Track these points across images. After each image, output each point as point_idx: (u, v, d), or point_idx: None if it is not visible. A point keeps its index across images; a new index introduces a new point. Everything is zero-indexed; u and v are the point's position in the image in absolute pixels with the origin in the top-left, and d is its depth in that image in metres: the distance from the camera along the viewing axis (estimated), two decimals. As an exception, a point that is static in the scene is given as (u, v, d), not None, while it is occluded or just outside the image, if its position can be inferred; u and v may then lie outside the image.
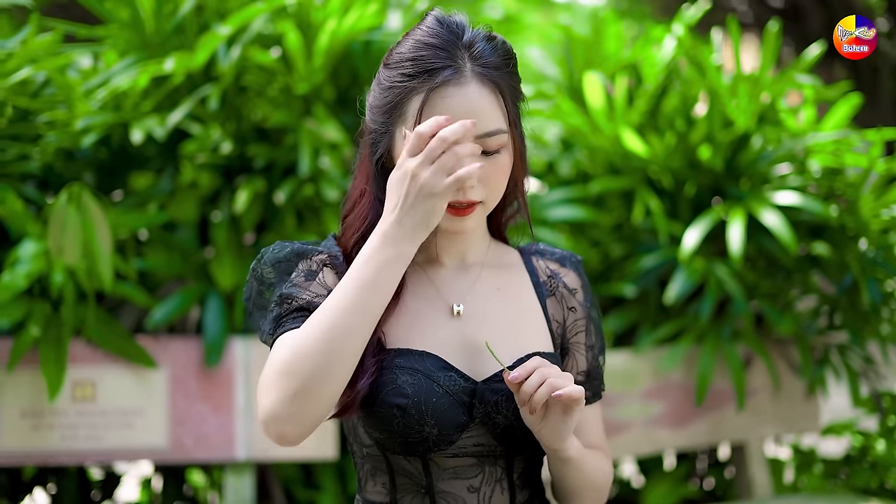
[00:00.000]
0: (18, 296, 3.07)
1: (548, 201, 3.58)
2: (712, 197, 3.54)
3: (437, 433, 1.84)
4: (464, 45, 1.84)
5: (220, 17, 3.43)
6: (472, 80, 1.82)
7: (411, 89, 1.83)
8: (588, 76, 3.54)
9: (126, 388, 3.20)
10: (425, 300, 1.96)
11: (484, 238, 2.06)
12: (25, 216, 3.11)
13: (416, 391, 1.83)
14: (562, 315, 2.06)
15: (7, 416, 3.12)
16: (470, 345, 1.93)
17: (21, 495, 3.65)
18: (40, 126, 3.29)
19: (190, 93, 3.37)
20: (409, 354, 1.88)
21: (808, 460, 3.78)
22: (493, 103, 1.84)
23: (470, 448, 1.89)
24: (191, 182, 3.35)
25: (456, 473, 1.90)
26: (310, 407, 1.69)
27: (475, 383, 1.89)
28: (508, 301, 2.01)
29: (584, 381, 2.07)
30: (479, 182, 1.84)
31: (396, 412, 1.82)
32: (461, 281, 1.99)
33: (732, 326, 3.46)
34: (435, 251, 1.99)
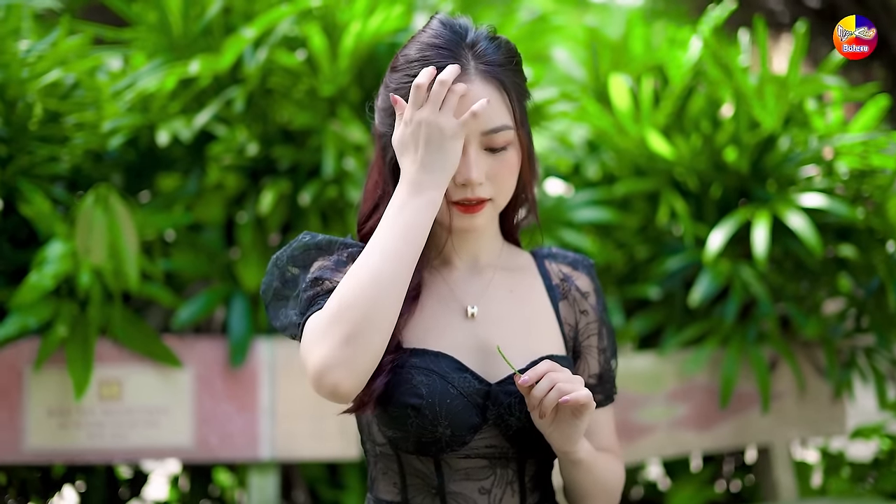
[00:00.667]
0: (46, 296, 3.11)
1: (573, 203, 3.58)
2: (738, 199, 3.52)
3: (450, 434, 1.85)
4: (467, 45, 1.87)
5: (246, 19, 3.45)
6: (475, 77, 1.85)
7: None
8: (614, 78, 3.53)
9: (152, 388, 3.23)
10: (440, 301, 1.97)
11: (496, 240, 2.06)
12: (53, 217, 3.15)
13: (430, 391, 1.84)
14: (574, 318, 2.06)
15: (35, 414, 3.16)
16: (483, 347, 1.93)
17: (51, 493, 3.70)
18: (68, 128, 3.32)
19: (216, 95, 3.40)
20: (424, 355, 1.89)
21: (835, 464, 3.76)
22: (498, 100, 1.86)
23: (482, 449, 1.90)
24: (217, 183, 3.39)
25: (468, 475, 1.91)
26: (361, 351, 1.71)
27: (489, 385, 1.90)
28: (521, 304, 2.02)
29: (596, 384, 2.08)
30: (488, 179, 1.87)
31: (410, 412, 1.84)
32: (475, 283, 2.00)
33: (758, 329, 3.44)
34: (447, 253, 2.00)
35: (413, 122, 1.79)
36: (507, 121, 1.86)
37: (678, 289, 3.54)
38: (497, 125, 1.85)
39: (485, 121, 1.84)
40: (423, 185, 1.78)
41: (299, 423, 3.26)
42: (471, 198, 1.86)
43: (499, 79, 1.86)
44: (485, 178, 1.86)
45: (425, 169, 1.78)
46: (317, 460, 3.39)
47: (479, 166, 1.84)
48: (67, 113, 3.33)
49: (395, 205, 1.79)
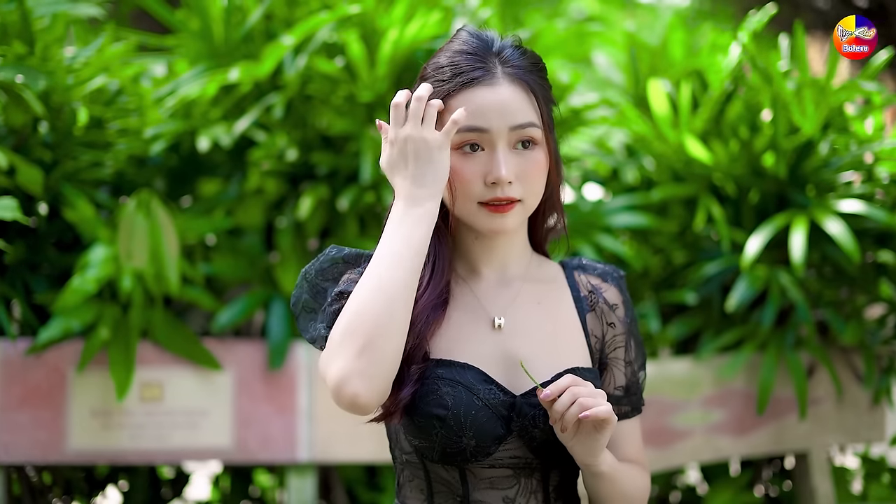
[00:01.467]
0: (89, 299, 3.17)
1: (611, 208, 3.59)
2: (776, 204, 3.51)
3: (474, 444, 1.87)
4: (494, 52, 1.93)
5: (287, 25, 3.50)
6: (503, 79, 1.90)
7: (444, 93, 1.90)
8: (652, 83, 3.54)
9: (192, 390, 3.29)
10: (468, 312, 1.99)
11: (525, 251, 2.07)
12: (96, 221, 3.20)
13: (455, 403, 1.86)
14: (601, 330, 2.07)
15: (78, 415, 3.22)
16: (510, 358, 1.95)
17: (94, 492, 3.76)
18: (112, 133, 3.38)
19: (257, 101, 3.45)
20: (450, 366, 1.91)
21: (876, 470, 3.75)
22: (525, 100, 1.90)
23: (507, 460, 1.92)
24: (257, 188, 3.43)
25: (492, 484, 1.93)
26: (375, 361, 1.75)
27: (514, 397, 1.91)
28: (548, 315, 2.03)
29: (622, 395, 2.08)
30: (517, 179, 1.89)
31: (436, 422, 1.86)
32: (503, 294, 2.02)
33: (795, 334, 3.43)
34: (475, 262, 2.03)
35: (398, 140, 1.86)
36: (534, 119, 1.90)
37: (716, 294, 3.54)
38: (525, 121, 1.88)
39: (513, 117, 1.88)
40: (418, 197, 1.83)
41: (337, 425, 3.29)
42: (501, 197, 1.88)
43: (525, 80, 1.91)
44: (514, 177, 1.88)
45: (417, 182, 1.84)
46: (354, 463, 3.43)
47: (508, 165, 1.87)
48: (111, 119, 3.40)
49: (393, 219, 1.85)
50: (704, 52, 3.71)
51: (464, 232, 2.00)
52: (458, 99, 1.89)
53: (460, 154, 1.89)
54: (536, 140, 1.91)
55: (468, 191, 1.89)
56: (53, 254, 3.38)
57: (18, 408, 3.19)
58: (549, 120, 1.96)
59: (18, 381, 3.20)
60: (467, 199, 1.90)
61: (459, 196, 1.91)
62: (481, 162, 1.89)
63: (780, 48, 3.59)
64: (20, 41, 3.19)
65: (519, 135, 1.89)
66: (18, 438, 3.18)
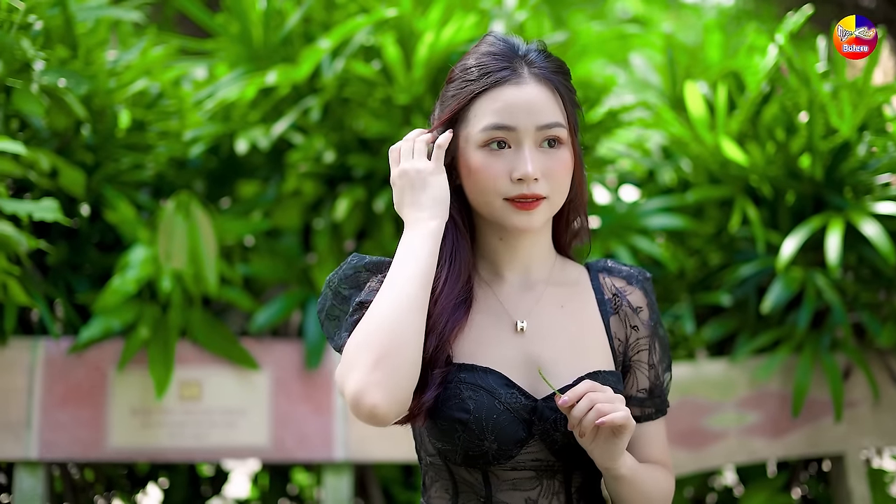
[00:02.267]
0: (129, 299, 3.22)
1: (646, 210, 3.59)
2: (813, 206, 3.50)
3: (496, 448, 1.89)
4: (520, 55, 1.96)
5: (325, 29, 3.54)
6: (529, 79, 1.93)
7: (472, 92, 1.94)
8: (689, 85, 3.54)
9: (230, 389, 3.33)
10: (490, 316, 2.01)
11: (549, 254, 2.09)
12: (137, 223, 3.26)
13: (477, 407, 1.88)
14: (624, 333, 2.08)
15: (118, 413, 3.27)
16: (532, 362, 1.96)
17: (136, 490, 3.82)
18: (152, 136, 3.43)
19: (295, 104, 3.48)
20: (472, 370, 1.93)
21: (915, 473, 3.73)
22: (551, 99, 1.93)
23: (528, 462, 1.93)
24: (294, 190, 3.46)
25: (514, 485, 1.94)
26: (392, 371, 1.77)
27: (535, 401, 1.93)
28: (571, 319, 2.04)
29: (646, 397, 2.09)
30: (543, 177, 1.91)
31: (458, 426, 1.88)
32: (526, 298, 2.03)
33: (831, 336, 3.42)
34: (499, 264, 2.04)
35: (397, 178, 1.95)
36: (560, 119, 1.92)
37: (751, 296, 3.53)
38: (551, 121, 1.91)
39: (539, 116, 1.90)
40: (420, 220, 1.90)
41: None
42: (527, 194, 1.90)
43: (551, 80, 1.94)
44: (540, 175, 1.90)
45: (418, 207, 1.91)
46: (390, 462, 3.45)
47: (534, 162, 1.89)
48: (152, 122, 3.45)
49: (403, 241, 1.90)
50: (741, 54, 3.71)
51: (488, 234, 2.02)
52: (485, 98, 1.92)
53: (487, 151, 1.91)
54: (562, 140, 1.93)
55: (494, 187, 1.91)
56: (95, 254, 3.44)
57: (60, 406, 3.24)
58: (574, 122, 1.98)
59: (60, 379, 3.25)
60: (493, 195, 1.92)
61: (484, 192, 1.92)
62: (507, 159, 1.90)
63: (819, 49, 3.58)
64: (63, 45, 3.26)
65: (545, 134, 1.91)
66: (60, 436, 3.23)
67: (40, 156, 3.10)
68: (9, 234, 2.86)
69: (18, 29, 3.09)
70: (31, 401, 3.23)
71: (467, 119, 1.94)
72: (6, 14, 3.06)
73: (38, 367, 3.25)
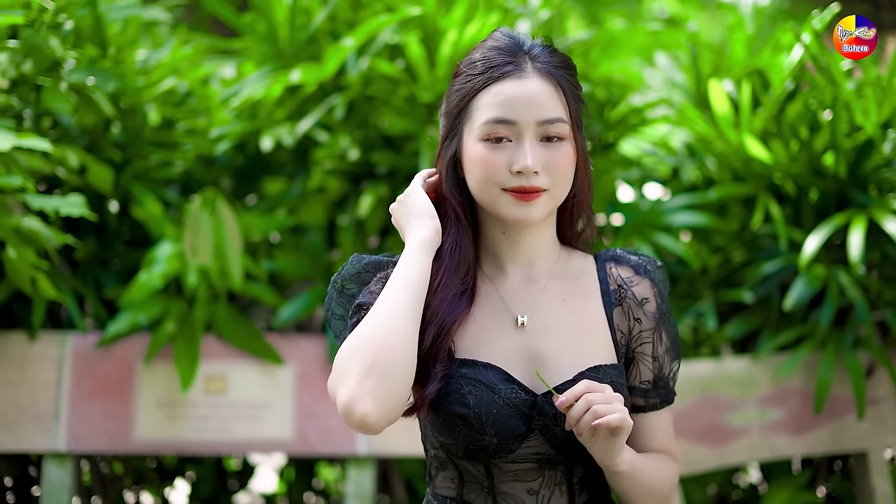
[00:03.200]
0: (156, 294, 3.28)
1: (670, 207, 3.60)
2: (837, 204, 3.50)
3: (496, 442, 1.91)
4: (525, 50, 1.97)
5: (350, 27, 3.58)
6: (532, 74, 1.94)
7: (475, 86, 1.95)
8: (713, 83, 3.55)
9: (255, 383, 3.37)
10: (492, 311, 2.02)
11: (553, 247, 2.09)
12: (163, 219, 3.31)
13: (477, 402, 1.91)
14: (627, 325, 2.08)
15: (145, 406, 3.33)
16: (533, 356, 1.98)
17: (164, 483, 3.88)
18: (179, 134, 3.49)
19: (320, 101, 3.52)
20: (473, 365, 1.95)
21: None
22: (554, 95, 1.94)
23: (529, 456, 1.95)
24: (319, 187, 3.50)
25: (517, 476, 1.97)
26: (383, 380, 1.78)
27: (535, 396, 1.95)
28: (573, 312, 2.05)
29: (650, 388, 2.10)
30: (544, 170, 1.92)
31: (459, 421, 1.91)
32: (528, 292, 2.05)
33: (855, 334, 3.42)
34: (502, 259, 2.06)
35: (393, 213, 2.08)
36: (562, 114, 1.93)
37: (775, 293, 3.53)
38: (552, 116, 1.92)
39: (541, 111, 1.91)
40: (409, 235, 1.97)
41: (395, 419, 3.35)
42: (526, 186, 1.91)
43: (554, 76, 1.95)
44: (541, 168, 1.91)
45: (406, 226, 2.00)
46: (412, 456, 3.48)
47: (534, 155, 1.90)
48: (180, 120, 3.50)
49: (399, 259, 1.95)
50: (766, 52, 3.71)
51: (491, 227, 2.03)
52: (488, 92, 1.94)
53: (488, 144, 1.92)
54: (564, 136, 1.93)
55: (493, 177, 1.92)
56: (124, 250, 3.49)
57: (88, 399, 3.30)
58: (578, 118, 1.99)
59: (88, 373, 3.31)
60: (492, 185, 1.93)
61: (484, 183, 1.94)
62: (508, 152, 1.92)
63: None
64: (93, 45, 3.32)
65: (546, 129, 1.92)
66: (88, 429, 3.29)
67: (69, 153, 3.16)
68: (37, 230, 2.92)
69: (48, 28, 3.16)
70: (59, 394, 3.29)
71: (471, 112, 1.96)
72: (36, 14, 3.12)
73: (67, 361, 3.31)
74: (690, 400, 3.35)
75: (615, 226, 3.68)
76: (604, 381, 1.92)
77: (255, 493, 4.01)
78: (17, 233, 2.91)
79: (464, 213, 2.02)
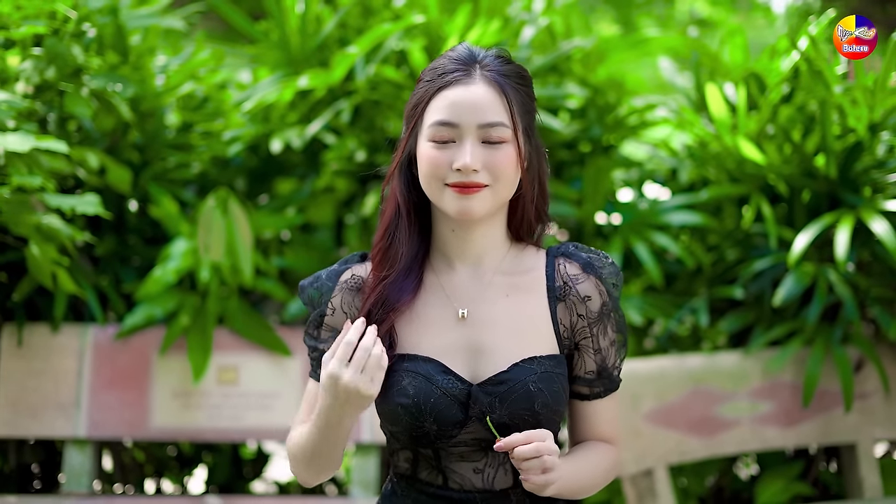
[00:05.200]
0: (171, 288, 3.45)
1: (666, 207, 3.73)
2: (829, 204, 3.60)
3: (436, 429, 2.06)
4: (478, 60, 2.10)
5: (359, 33, 3.73)
6: (479, 80, 2.06)
7: (429, 91, 2.08)
8: (709, 87, 3.66)
9: (265, 374, 3.53)
10: (436, 306, 2.15)
11: (501, 244, 2.20)
12: (178, 217, 3.48)
13: (416, 392, 2.05)
14: (570, 320, 2.17)
15: (161, 396, 3.49)
16: (473, 348, 2.11)
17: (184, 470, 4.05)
18: (195, 136, 3.66)
19: (329, 105, 3.68)
20: (414, 359, 2.10)
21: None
22: (497, 100, 2.05)
23: (470, 440, 2.10)
24: (327, 187, 3.66)
25: (462, 457, 2.12)
26: (315, 480, 2.21)
27: (470, 386, 2.08)
28: (516, 307, 2.15)
29: (594, 378, 2.20)
30: (485, 168, 2.03)
31: (401, 410, 2.06)
32: (473, 287, 2.16)
33: (844, 330, 3.52)
34: (451, 255, 2.18)
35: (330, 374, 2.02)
36: (503, 119, 2.04)
37: (768, 290, 3.64)
38: (492, 120, 2.03)
39: (482, 115, 2.03)
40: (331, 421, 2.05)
41: (399, 409, 3.50)
42: (466, 182, 2.03)
43: (499, 83, 2.06)
44: (481, 167, 2.03)
45: (332, 411, 2.03)
46: (416, 445, 3.62)
47: (474, 154, 2.01)
48: (198, 123, 3.68)
49: (317, 411, 2.08)
50: (764, 56, 3.81)
51: (442, 226, 2.15)
52: (438, 97, 2.06)
53: (435, 144, 2.05)
54: (505, 139, 2.04)
55: (437, 173, 2.04)
56: (142, 247, 3.67)
57: (107, 388, 3.48)
58: (526, 124, 2.10)
59: (107, 363, 3.49)
60: (436, 180, 2.05)
61: (429, 178, 2.06)
62: (452, 151, 2.04)
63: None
64: (114, 51, 3.49)
65: (487, 133, 2.03)
66: (107, 416, 3.47)
67: (89, 154, 3.33)
68: (57, 227, 3.09)
69: (71, 37, 3.33)
70: (80, 383, 3.47)
71: (423, 116, 2.08)
72: (60, 24, 3.30)
73: (88, 352, 3.48)
74: (682, 392, 3.47)
75: (614, 224, 3.81)
76: (538, 371, 2.07)
77: (269, 481, 4.17)
78: (38, 230, 3.08)
79: (409, 210, 2.14)
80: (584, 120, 3.88)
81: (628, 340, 2.36)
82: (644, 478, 3.38)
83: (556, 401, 2.09)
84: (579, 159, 3.90)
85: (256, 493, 4.10)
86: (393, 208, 2.17)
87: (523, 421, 2.05)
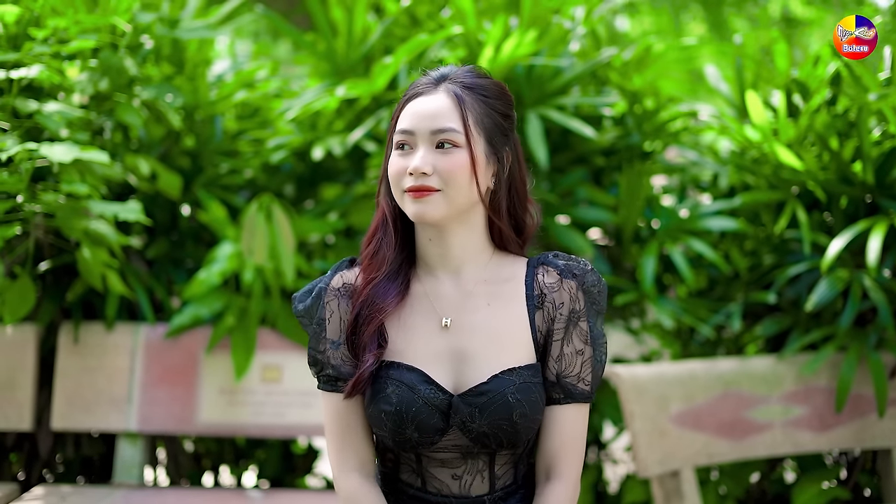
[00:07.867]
0: (218, 290, 3.60)
1: (705, 212, 3.77)
2: (867, 210, 3.61)
3: (418, 436, 2.16)
4: (449, 76, 2.21)
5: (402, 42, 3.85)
6: (440, 92, 2.18)
7: (402, 104, 2.21)
8: (750, 94, 3.69)
9: (307, 373, 3.64)
10: (421, 314, 2.25)
11: (482, 253, 2.28)
12: (226, 222, 3.63)
13: (399, 400, 2.15)
14: (546, 327, 2.24)
15: (207, 392, 3.65)
16: (456, 356, 2.20)
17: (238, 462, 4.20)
18: (244, 143, 3.82)
19: (373, 114, 3.80)
20: (398, 368, 2.19)
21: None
22: (452, 110, 2.15)
23: (451, 447, 2.19)
24: (366, 193, 3.78)
25: (442, 463, 2.21)
26: None
27: (451, 396, 2.17)
28: (497, 315, 2.23)
29: (554, 382, 2.23)
30: (435, 172, 2.12)
31: (385, 416, 2.16)
32: (455, 296, 2.25)
33: (879, 335, 3.52)
34: (432, 265, 2.27)
35: None
36: (454, 125, 2.14)
37: (804, 295, 3.65)
38: (443, 126, 2.13)
39: (434, 122, 2.13)
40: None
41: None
42: (417, 186, 2.12)
43: (457, 94, 2.16)
44: (431, 170, 2.12)
45: None
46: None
47: (425, 159, 2.12)
48: (249, 130, 3.83)
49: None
50: (807, 62, 3.83)
51: (420, 235, 2.25)
52: (404, 109, 2.19)
53: (398, 151, 2.17)
54: (457, 143, 2.13)
55: (397, 179, 2.16)
56: (194, 249, 3.83)
57: (157, 384, 3.64)
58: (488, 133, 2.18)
59: (158, 361, 3.65)
60: (397, 186, 2.16)
61: (393, 184, 2.17)
62: (409, 159, 2.15)
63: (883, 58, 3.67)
64: (170, 62, 3.66)
65: (438, 137, 2.13)
66: (156, 411, 3.63)
67: (140, 161, 3.50)
68: (103, 232, 3.25)
69: (127, 49, 3.50)
70: (132, 379, 3.64)
71: (396, 126, 2.20)
72: (115, 37, 3.47)
73: (139, 350, 3.65)
74: (712, 395, 3.50)
75: (653, 229, 3.87)
76: (517, 382, 2.15)
77: (319, 476, 4.30)
78: (87, 234, 3.25)
79: (392, 218, 2.26)
80: (622, 126, 3.94)
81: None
82: (671, 479, 3.42)
83: (533, 410, 2.17)
84: (617, 165, 3.95)
85: (298, 487, 4.22)
86: (380, 216, 2.28)
87: (502, 430, 2.14)
